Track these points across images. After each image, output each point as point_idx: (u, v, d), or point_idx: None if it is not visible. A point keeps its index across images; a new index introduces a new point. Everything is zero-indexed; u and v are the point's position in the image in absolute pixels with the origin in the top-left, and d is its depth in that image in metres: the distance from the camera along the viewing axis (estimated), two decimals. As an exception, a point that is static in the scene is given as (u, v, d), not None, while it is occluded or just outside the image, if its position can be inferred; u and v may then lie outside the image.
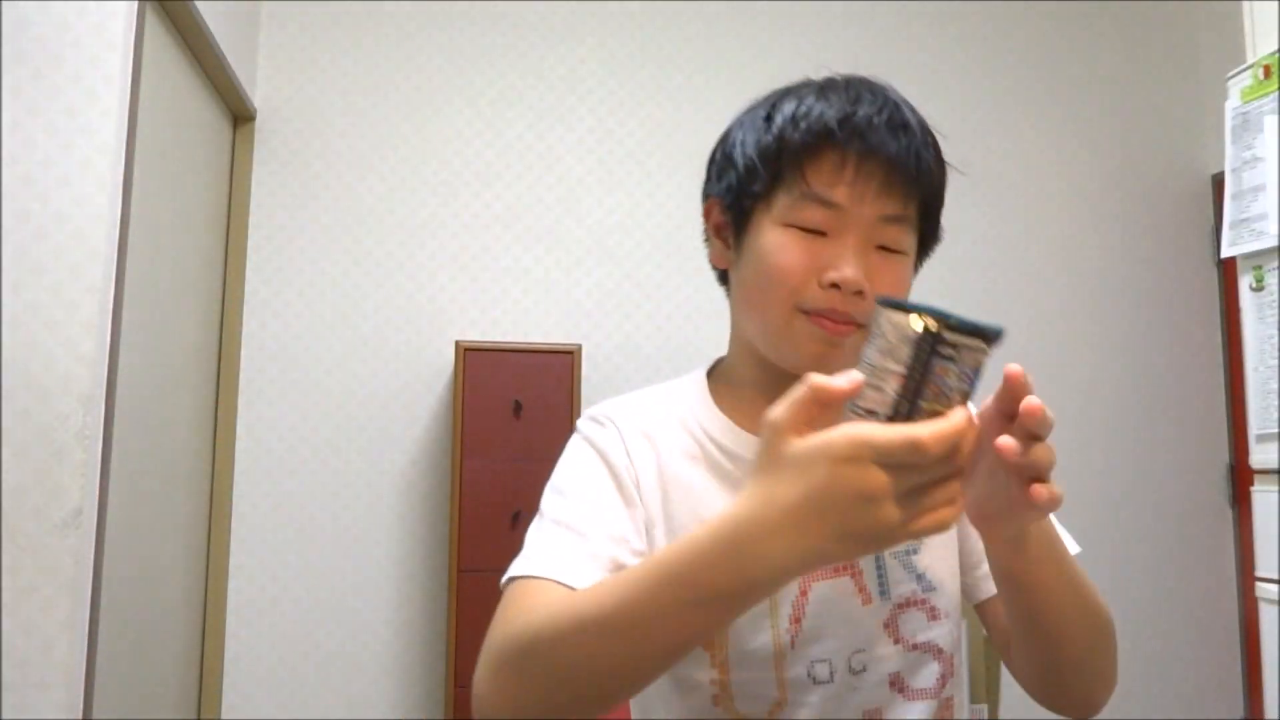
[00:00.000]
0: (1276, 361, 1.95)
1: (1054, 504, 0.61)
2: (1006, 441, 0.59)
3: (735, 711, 0.84)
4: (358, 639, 2.68)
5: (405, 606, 2.72)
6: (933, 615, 0.86)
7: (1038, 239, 3.19)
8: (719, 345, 1.05)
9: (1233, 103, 2.08)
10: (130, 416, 1.96)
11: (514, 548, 2.48)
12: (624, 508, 0.83)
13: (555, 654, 0.65)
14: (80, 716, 1.67)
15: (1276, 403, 1.95)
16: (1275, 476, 1.96)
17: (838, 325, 0.79)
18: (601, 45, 3.00)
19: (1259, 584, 2.00)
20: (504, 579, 0.78)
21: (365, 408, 2.76)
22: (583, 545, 0.78)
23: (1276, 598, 1.94)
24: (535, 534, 0.81)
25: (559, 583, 0.73)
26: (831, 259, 0.79)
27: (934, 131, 0.84)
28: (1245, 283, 2.06)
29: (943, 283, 3.08)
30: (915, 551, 0.87)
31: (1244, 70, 2.06)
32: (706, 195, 0.94)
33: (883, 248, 0.81)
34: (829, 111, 0.80)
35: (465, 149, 2.89)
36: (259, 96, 2.78)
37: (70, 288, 1.70)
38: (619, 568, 0.77)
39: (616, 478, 0.84)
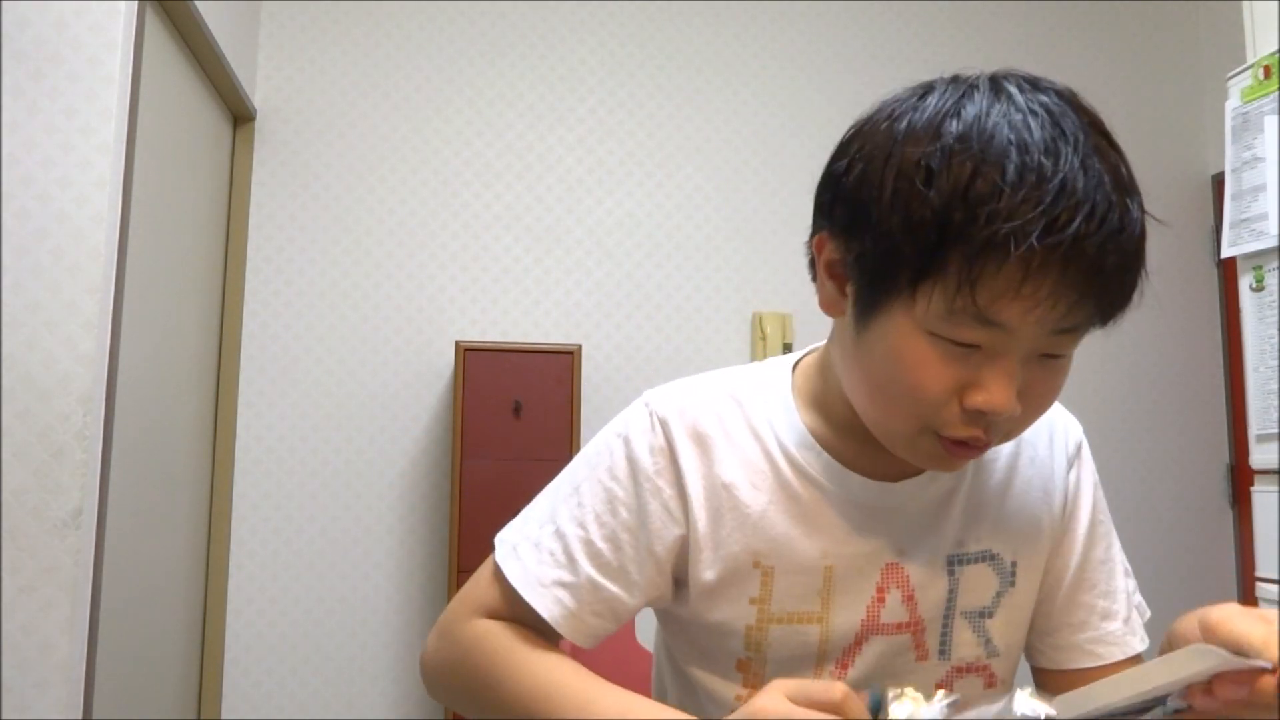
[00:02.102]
0: (1276, 361, 1.95)
1: None
2: None
3: None
4: (358, 639, 2.68)
5: (405, 606, 2.72)
6: (990, 682, 0.79)
7: (1038, 239, 3.19)
8: (719, 346, 1.05)
9: (1233, 103, 2.08)
10: (130, 416, 1.96)
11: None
12: (634, 548, 0.75)
13: (478, 690, 0.73)
14: (80, 716, 1.67)
15: (1276, 403, 1.95)
16: (1275, 476, 1.96)
17: (971, 450, 0.67)
18: (601, 45, 3.00)
19: (1259, 584, 2.00)
20: (497, 546, 0.80)
21: (365, 408, 2.76)
22: (573, 585, 0.75)
23: (1276, 598, 1.94)
24: (539, 528, 0.77)
25: (542, 621, 0.74)
26: (981, 379, 0.62)
27: (1137, 184, 0.63)
28: (1245, 283, 2.06)
29: (943, 283, 3.08)
30: (990, 614, 0.77)
31: (1244, 70, 2.06)
32: (819, 227, 0.71)
33: (1047, 355, 0.64)
34: (1022, 202, 0.57)
35: (465, 149, 2.89)
36: (259, 96, 2.78)
37: (70, 288, 1.70)
38: (596, 610, 0.75)
39: (643, 510, 0.75)
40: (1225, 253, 2.09)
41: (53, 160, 1.72)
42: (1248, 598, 3.09)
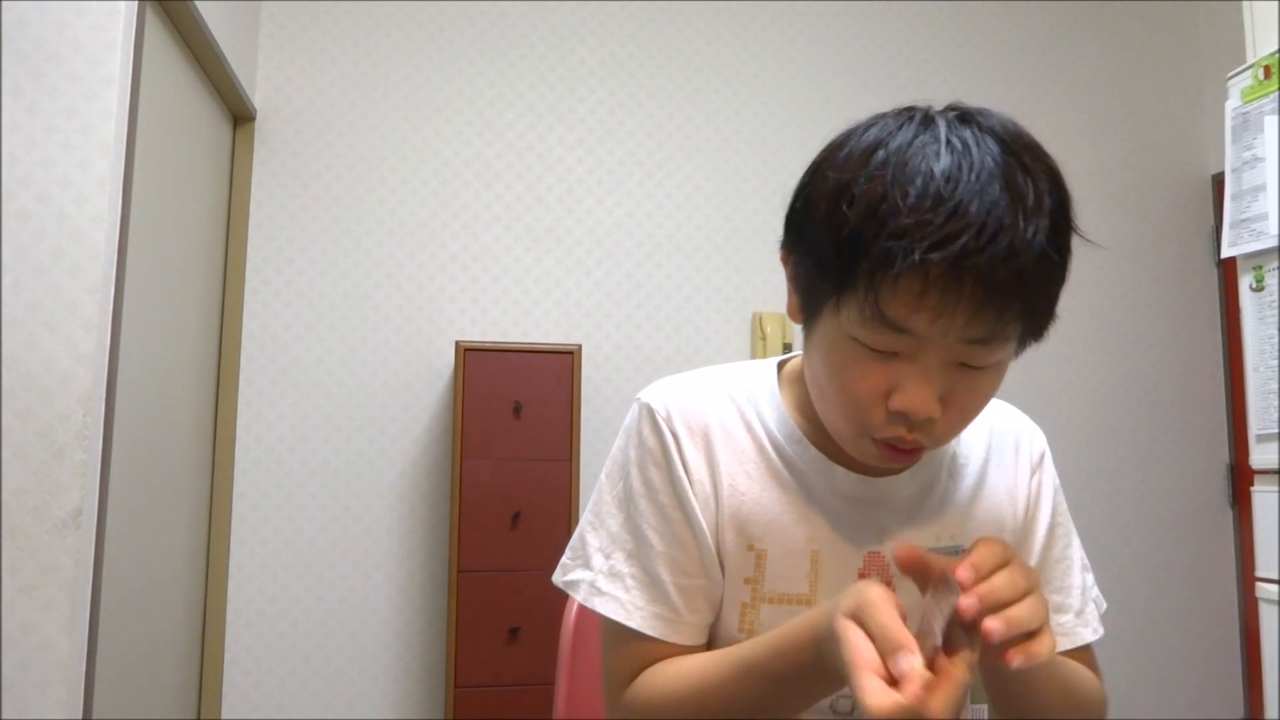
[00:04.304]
0: (1276, 361, 1.95)
1: (1033, 660, 0.62)
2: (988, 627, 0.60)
3: None
4: (358, 639, 2.68)
5: (405, 606, 2.72)
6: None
7: (1038, 239, 3.19)
8: (719, 346, 1.05)
9: (1233, 103, 2.08)
10: (130, 416, 1.96)
11: (514, 547, 2.51)
12: (696, 545, 0.82)
13: None
14: (80, 716, 1.67)
15: (1276, 403, 1.95)
16: (1275, 476, 1.96)
17: (902, 453, 0.73)
18: (601, 45, 3.00)
19: (1259, 584, 2.00)
20: (572, 589, 0.84)
21: (365, 408, 2.76)
22: (663, 598, 0.81)
23: (1276, 598, 1.94)
24: (608, 559, 0.83)
25: (658, 639, 0.80)
26: (902, 381, 0.69)
27: (1063, 207, 0.68)
28: (1245, 283, 2.06)
29: (943, 283, 3.08)
30: None
31: (1244, 70, 2.06)
32: (783, 242, 0.79)
33: (968, 365, 0.70)
34: (917, 222, 0.64)
35: (465, 149, 2.89)
36: (259, 96, 2.78)
37: (70, 288, 1.70)
38: (693, 608, 0.82)
39: (686, 512, 0.82)
40: (1225, 253, 2.09)
41: (53, 160, 1.72)
42: (1248, 598, 3.09)
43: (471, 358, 2.55)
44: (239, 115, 2.73)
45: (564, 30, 2.98)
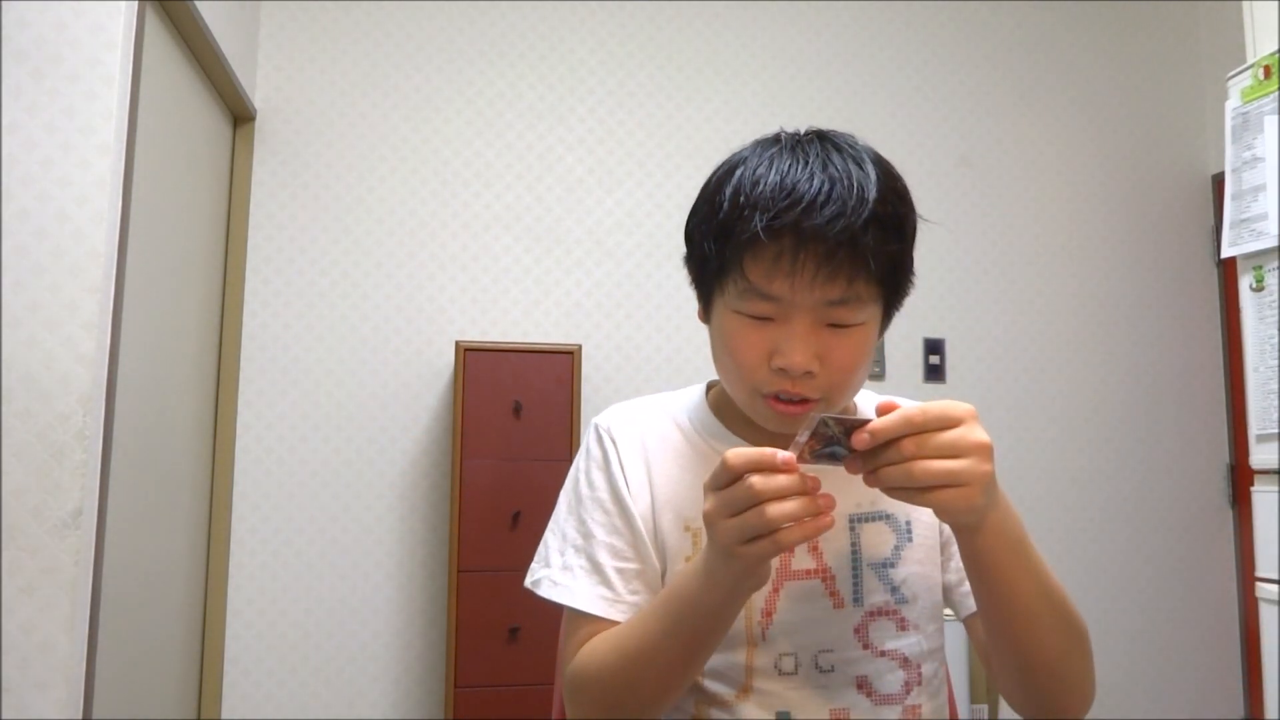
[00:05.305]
0: (1276, 361, 1.95)
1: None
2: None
3: (703, 687, 0.90)
4: (358, 639, 2.68)
5: (405, 606, 2.72)
6: (902, 626, 0.92)
7: (1038, 239, 3.19)
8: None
9: (1233, 103, 2.08)
10: (130, 416, 1.96)
11: (514, 547, 2.52)
12: (632, 533, 0.93)
13: (608, 683, 0.85)
14: (80, 716, 1.67)
15: (1276, 403, 1.95)
16: (1275, 476, 1.96)
17: (790, 406, 0.84)
18: (601, 45, 3.00)
19: (1259, 584, 2.00)
20: (536, 588, 0.94)
21: (365, 408, 2.76)
22: (605, 580, 0.92)
23: (1276, 598, 1.94)
24: (561, 555, 0.94)
25: (602, 617, 0.90)
26: (780, 343, 0.82)
27: (893, 192, 0.82)
28: (1245, 283, 2.06)
29: (943, 283, 3.08)
30: (892, 565, 0.93)
31: (1244, 70, 2.06)
32: (685, 256, 0.95)
33: (834, 325, 0.82)
34: (762, 202, 0.80)
35: (465, 149, 2.89)
36: (259, 96, 2.78)
37: (70, 288, 1.70)
38: (631, 589, 0.92)
39: (622, 505, 0.94)
40: (1225, 253, 2.09)
41: (53, 160, 1.72)
42: (1248, 598, 3.09)
43: (471, 358, 2.55)
44: (239, 115, 2.73)
45: (564, 30, 2.98)
